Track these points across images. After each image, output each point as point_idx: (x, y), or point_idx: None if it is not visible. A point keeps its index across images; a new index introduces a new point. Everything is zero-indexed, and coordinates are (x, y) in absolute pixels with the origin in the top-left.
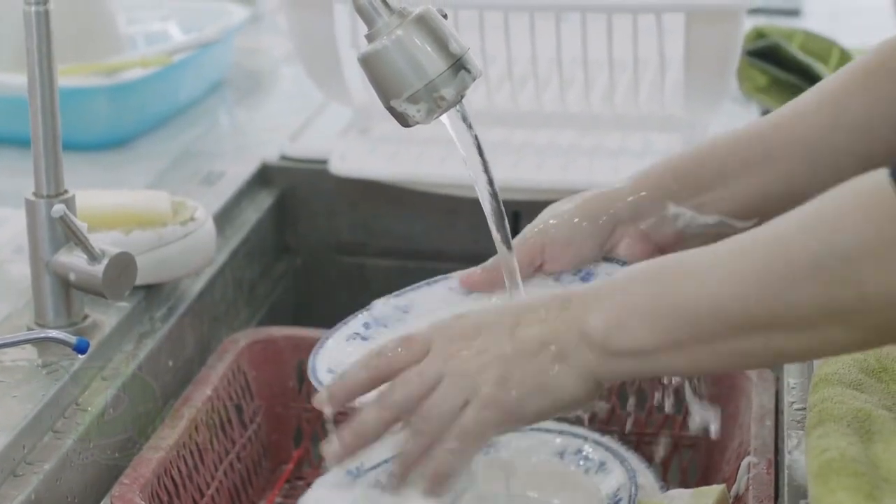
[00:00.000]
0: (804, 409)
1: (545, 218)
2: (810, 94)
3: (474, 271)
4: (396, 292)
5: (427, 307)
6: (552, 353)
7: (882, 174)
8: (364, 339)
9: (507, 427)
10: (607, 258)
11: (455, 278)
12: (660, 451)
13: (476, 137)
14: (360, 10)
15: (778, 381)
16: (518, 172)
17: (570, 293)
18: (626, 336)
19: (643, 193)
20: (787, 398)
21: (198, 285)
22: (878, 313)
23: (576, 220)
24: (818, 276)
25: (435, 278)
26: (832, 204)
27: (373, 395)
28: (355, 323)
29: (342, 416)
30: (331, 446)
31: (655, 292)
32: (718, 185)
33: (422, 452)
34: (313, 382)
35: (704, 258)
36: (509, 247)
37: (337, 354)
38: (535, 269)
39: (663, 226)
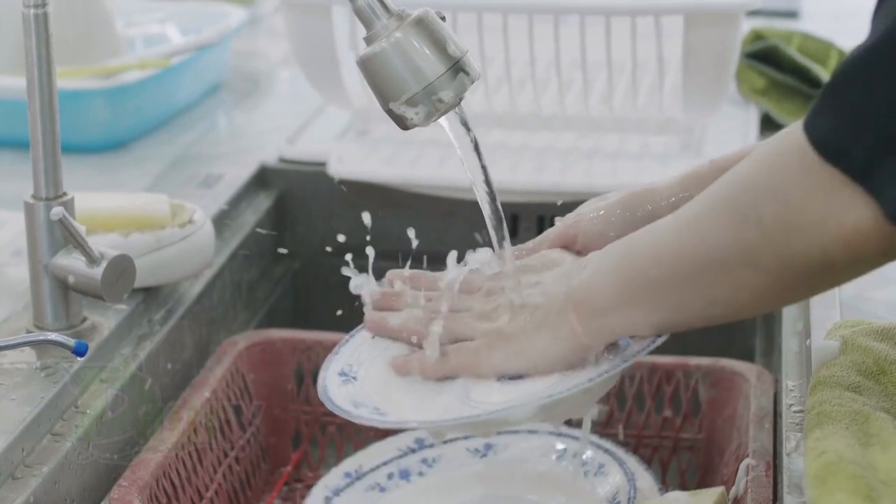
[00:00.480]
0: (803, 411)
1: (583, 209)
2: None
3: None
4: None
5: None
6: (545, 320)
7: (797, 124)
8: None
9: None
10: None
11: None
12: (658, 453)
13: (475, 140)
14: (359, 13)
15: (777, 383)
16: (516, 175)
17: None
18: (597, 295)
19: (686, 194)
20: (785, 400)
21: (196, 288)
22: (779, 251)
23: (613, 212)
24: (731, 217)
25: None
26: (754, 153)
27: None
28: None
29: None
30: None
31: (622, 252)
32: None
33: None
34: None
35: (663, 222)
36: (503, 239)
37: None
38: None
39: None
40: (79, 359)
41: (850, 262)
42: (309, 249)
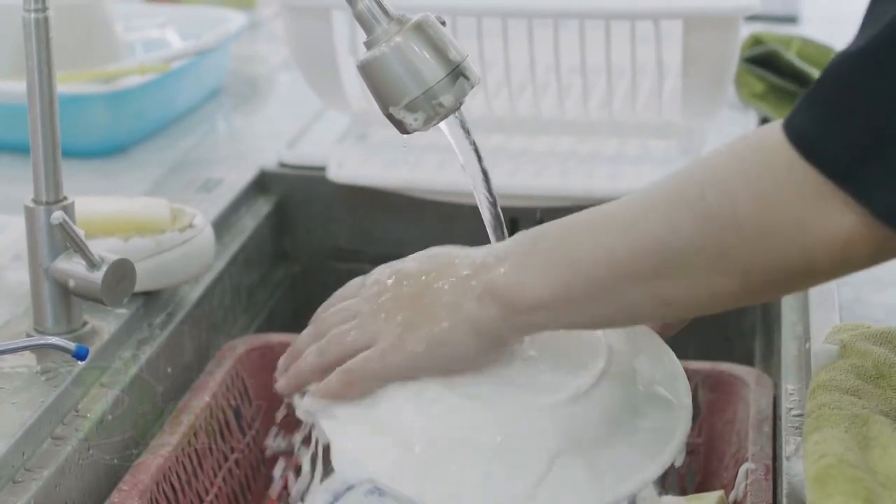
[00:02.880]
0: (802, 414)
1: None
2: None
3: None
4: None
5: None
6: (456, 311)
7: (777, 122)
8: None
9: (397, 375)
10: None
11: None
12: None
13: (475, 144)
14: (359, 18)
15: (776, 387)
16: (516, 179)
17: (483, 254)
18: (525, 291)
19: None
20: (784, 404)
21: (196, 292)
22: (752, 248)
23: None
24: (698, 214)
25: None
26: (719, 148)
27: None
28: None
29: None
30: (279, 381)
31: (552, 247)
32: None
33: (315, 371)
34: None
35: (602, 209)
36: None
37: None
38: None
39: None
40: (79, 363)
41: (834, 266)
42: (308, 253)
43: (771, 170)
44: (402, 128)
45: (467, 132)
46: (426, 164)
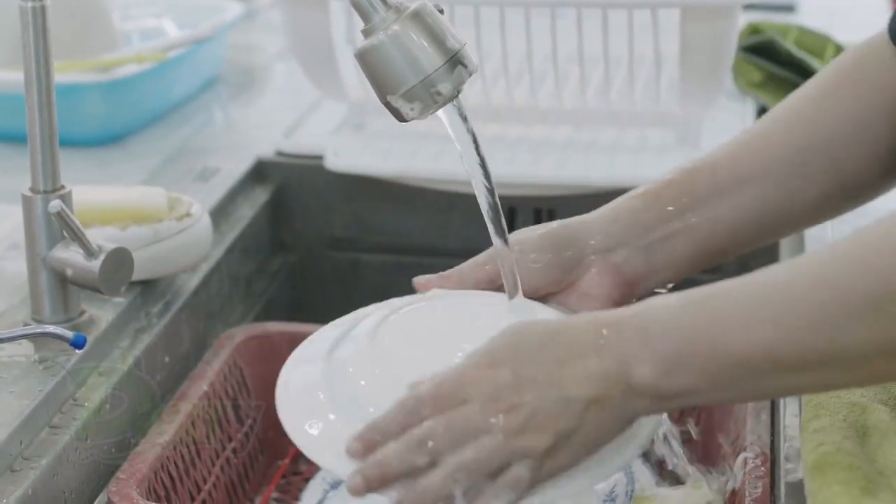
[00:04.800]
0: (800, 403)
1: (512, 241)
2: (778, 112)
3: (430, 280)
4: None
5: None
6: (604, 413)
7: None
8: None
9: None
10: None
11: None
12: (656, 446)
13: (473, 133)
14: (357, 6)
15: None
16: (513, 168)
17: (599, 327)
18: (675, 383)
19: (618, 226)
20: None
21: (194, 281)
22: None
23: (542, 242)
24: (873, 317)
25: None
26: (881, 237)
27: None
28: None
29: None
30: (353, 478)
31: (697, 337)
32: (691, 211)
33: (443, 496)
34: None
35: (743, 298)
36: (506, 242)
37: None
38: (495, 287)
39: (635, 258)
40: (77, 351)
41: None
42: (306, 243)
43: None
44: (400, 116)
45: (465, 121)
46: (424, 152)
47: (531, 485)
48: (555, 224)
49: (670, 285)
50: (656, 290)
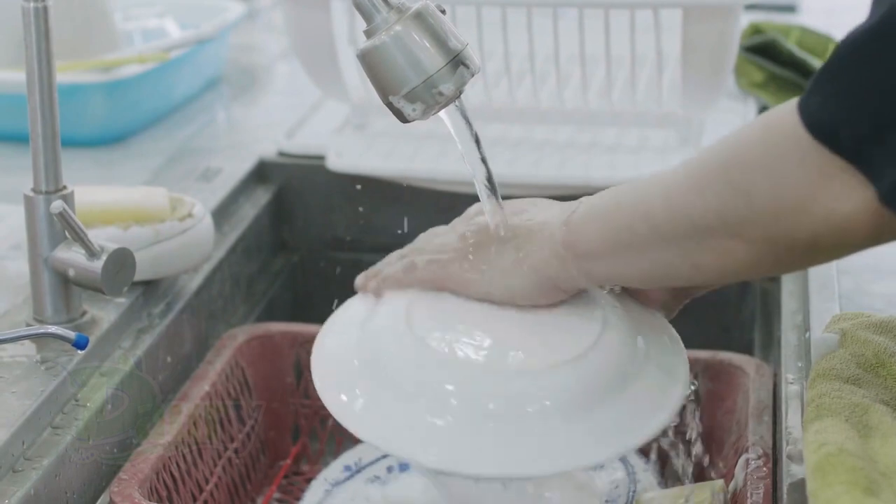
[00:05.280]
0: (802, 404)
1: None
2: None
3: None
4: None
5: None
6: (529, 255)
7: (793, 101)
8: None
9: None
10: None
11: None
12: (658, 446)
13: (475, 133)
14: (359, 6)
15: (776, 376)
16: (515, 168)
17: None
18: (581, 239)
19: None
20: (784, 393)
21: (196, 281)
22: (764, 225)
23: None
24: (718, 184)
25: None
26: (749, 125)
27: None
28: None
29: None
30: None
31: (612, 200)
32: None
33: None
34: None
35: (656, 176)
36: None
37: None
38: None
39: None
40: (79, 352)
41: (836, 245)
42: (307, 243)
43: (785, 149)
44: (402, 117)
45: (467, 121)
46: (425, 153)
47: (445, 271)
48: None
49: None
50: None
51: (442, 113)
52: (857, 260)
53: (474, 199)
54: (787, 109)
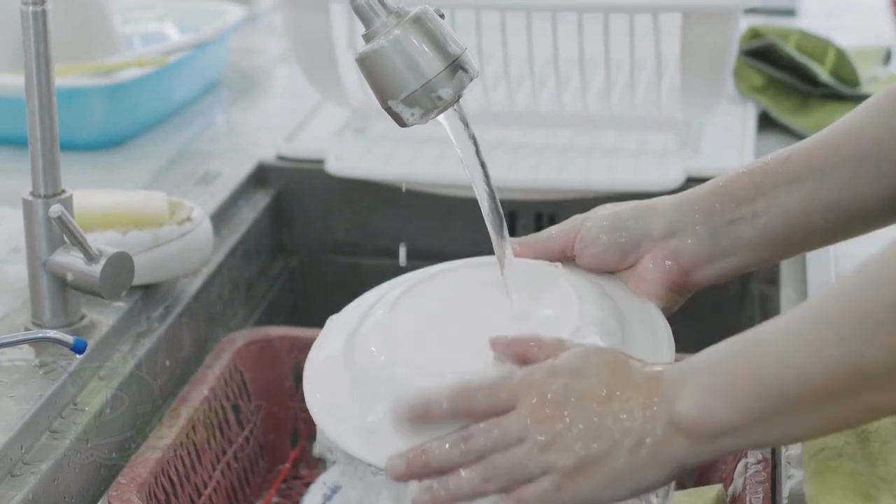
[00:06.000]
0: None
1: (588, 214)
2: (861, 108)
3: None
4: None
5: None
6: (639, 450)
7: None
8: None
9: None
10: None
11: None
12: None
13: (473, 137)
14: (358, 10)
15: None
16: (514, 172)
17: (659, 373)
18: (716, 418)
19: (680, 212)
20: None
21: (195, 285)
22: None
23: (605, 223)
24: (892, 329)
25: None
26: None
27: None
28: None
29: None
30: (397, 461)
31: (737, 370)
32: (760, 198)
33: (474, 496)
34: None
35: (781, 327)
36: (507, 245)
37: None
38: (566, 257)
39: (694, 245)
40: (77, 356)
41: None
42: (307, 247)
43: None
44: (401, 121)
45: (466, 125)
46: (425, 157)
47: (552, 501)
48: (625, 206)
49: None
50: (717, 280)
51: (441, 117)
52: (856, 263)
53: (474, 202)
54: None
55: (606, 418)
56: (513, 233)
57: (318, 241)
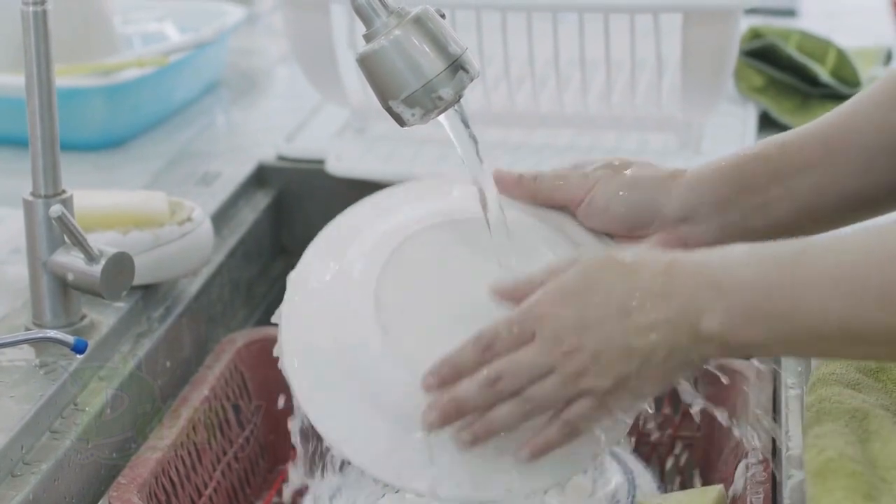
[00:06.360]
0: (802, 409)
1: (599, 171)
2: (867, 93)
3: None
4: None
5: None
6: (670, 359)
7: None
8: None
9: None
10: None
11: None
12: (657, 451)
13: (474, 137)
14: (358, 10)
15: (775, 380)
16: None
17: (671, 275)
18: (743, 336)
19: (695, 194)
20: (784, 398)
21: (195, 285)
22: None
23: (621, 193)
24: None
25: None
26: None
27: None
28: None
29: None
30: (429, 413)
31: (773, 300)
32: (774, 185)
33: (515, 426)
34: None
35: (820, 268)
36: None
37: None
38: (566, 211)
39: (704, 237)
40: (78, 356)
41: None
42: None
43: None
44: (401, 121)
45: (466, 125)
46: (425, 157)
47: (596, 416)
48: (641, 176)
49: None
50: None
51: (441, 117)
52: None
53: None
54: None
55: (631, 337)
56: None
57: None
